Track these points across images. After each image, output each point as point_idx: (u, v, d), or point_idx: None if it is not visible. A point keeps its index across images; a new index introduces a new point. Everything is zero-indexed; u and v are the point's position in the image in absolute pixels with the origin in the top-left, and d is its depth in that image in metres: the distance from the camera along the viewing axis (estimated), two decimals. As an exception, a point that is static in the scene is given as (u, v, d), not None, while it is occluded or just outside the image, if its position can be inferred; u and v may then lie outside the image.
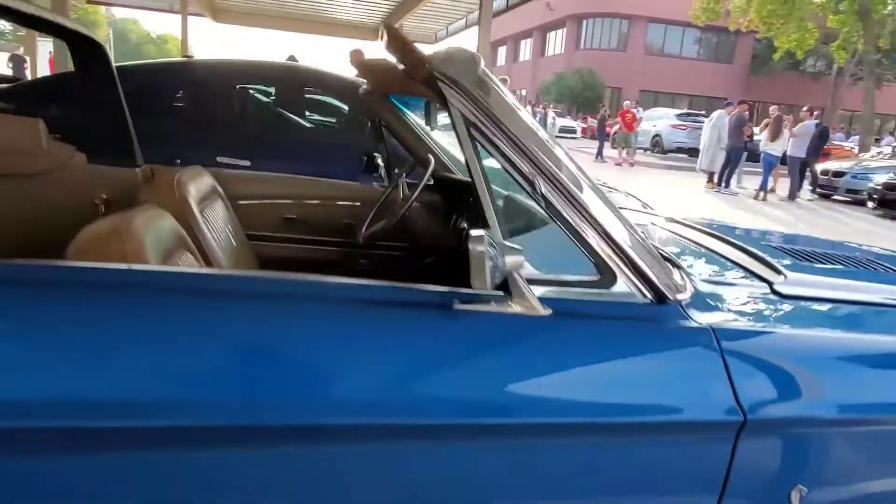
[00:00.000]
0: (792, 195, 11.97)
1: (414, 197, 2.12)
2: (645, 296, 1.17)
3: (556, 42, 38.52)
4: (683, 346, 1.15)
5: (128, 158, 2.25)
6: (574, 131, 28.55)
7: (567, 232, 1.15)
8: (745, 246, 1.71)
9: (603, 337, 1.12)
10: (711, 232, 1.85)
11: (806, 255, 1.74)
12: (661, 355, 1.14)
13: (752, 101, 31.69)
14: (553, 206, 1.13)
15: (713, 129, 12.61)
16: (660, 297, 1.17)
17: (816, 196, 12.51)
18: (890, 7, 19.09)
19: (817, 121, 12.24)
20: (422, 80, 1.16)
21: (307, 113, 4.12)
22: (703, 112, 22.82)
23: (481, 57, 1.18)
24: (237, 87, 3.63)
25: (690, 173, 15.08)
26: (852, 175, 12.11)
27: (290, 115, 3.93)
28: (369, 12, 11.54)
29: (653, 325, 1.15)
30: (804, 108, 12.30)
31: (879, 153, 13.98)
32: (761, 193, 11.70)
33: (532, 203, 1.69)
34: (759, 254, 1.63)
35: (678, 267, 1.34)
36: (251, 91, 3.81)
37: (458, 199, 2.45)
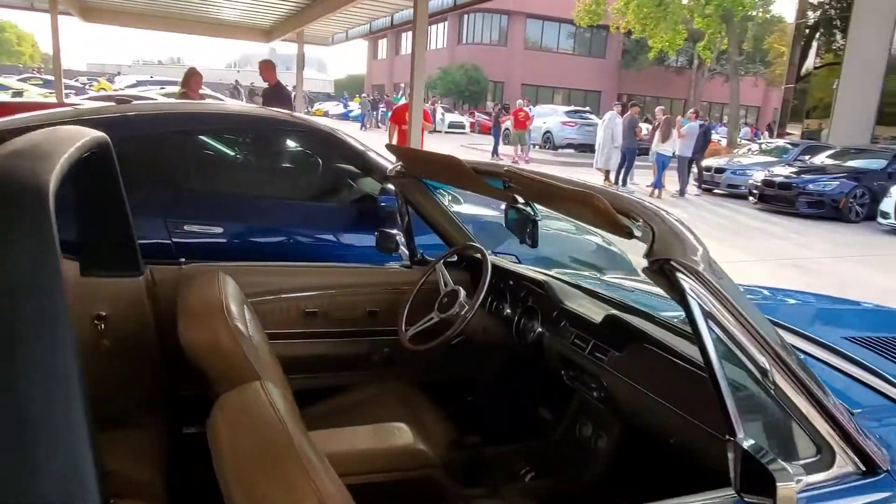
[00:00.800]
0: (682, 191, 12.82)
1: (476, 306, 1.95)
2: (859, 467, 1.14)
3: (438, 36, 38.72)
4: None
5: (129, 266, 1.90)
6: (463, 126, 28.92)
7: (793, 416, 1.11)
8: (843, 351, 1.71)
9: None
10: (800, 332, 1.84)
11: None
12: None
13: (623, 93, 33.74)
14: (783, 392, 1.09)
15: (606, 129, 13.27)
16: (871, 467, 1.14)
17: (701, 191, 13.49)
18: (749, 12, 21.05)
19: (702, 121, 13.21)
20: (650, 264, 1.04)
21: (281, 165, 3.75)
22: (587, 108, 23.95)
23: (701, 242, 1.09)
24: (195, 138, 3.21)
25: (585, 169, 15.69)
26: (732, 171, 13.18)
27: (262, 169, 3.56)
28: (261, 14, 10.91)
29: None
30: (690, 111, 13.20)
31: (749, 150, 15.30)
32: (656, 191, 12.43)
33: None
34: (871, 366, 1.63)
35: (852, 413, 1.30)
36: (212, 142, 3.39)
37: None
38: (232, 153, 3.59)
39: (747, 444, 1.00)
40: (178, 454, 1.88)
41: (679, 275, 1.02)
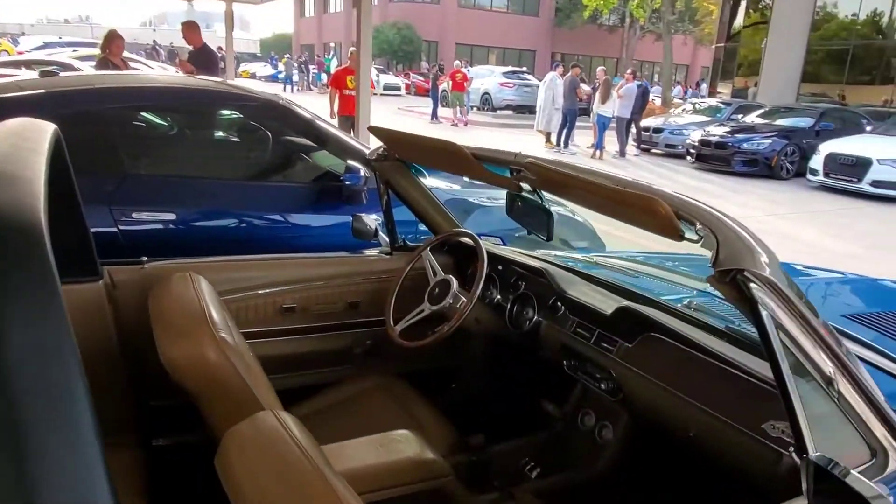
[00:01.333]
0: (622, 152, 12.99)
1: (475, 299, 1.84)
2: None
3: (369, -7, 37.50)
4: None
5: (87, 271, 1.68)
6: (398, 88, 28.29)
7: (853, 422, 1.07)
8: (848, 332, 1.70)
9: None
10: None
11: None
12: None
13: (557, 52, 33.80)
14: (846, 399, 1.04)
15: (547, 91, 13.21)
16: None
17: (640, 152, 13.71)
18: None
19: (639, 82, 13.33)
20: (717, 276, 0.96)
21: (236, 143, 3.46)
22: (525, 69, 23.85)
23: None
24: (133, 115, 2.90)
25: (526, 131, 15.67)
26: (669, 131, 13.43)
27: (216, 147, 3.27)
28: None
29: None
30: (627, 71, 13.30)
31: (683, 109, 15.59)
32: (597, 152, 12.55)
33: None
34: (870, 343, 1.62)
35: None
36: (151, 118, 3.07)
37: (469, 262, 2.20)
38: (180, 130, 3.29)
39: (820, 459, 0.95)
40: (151, 468, 1.72)
41: (753, 286, 0.94)
